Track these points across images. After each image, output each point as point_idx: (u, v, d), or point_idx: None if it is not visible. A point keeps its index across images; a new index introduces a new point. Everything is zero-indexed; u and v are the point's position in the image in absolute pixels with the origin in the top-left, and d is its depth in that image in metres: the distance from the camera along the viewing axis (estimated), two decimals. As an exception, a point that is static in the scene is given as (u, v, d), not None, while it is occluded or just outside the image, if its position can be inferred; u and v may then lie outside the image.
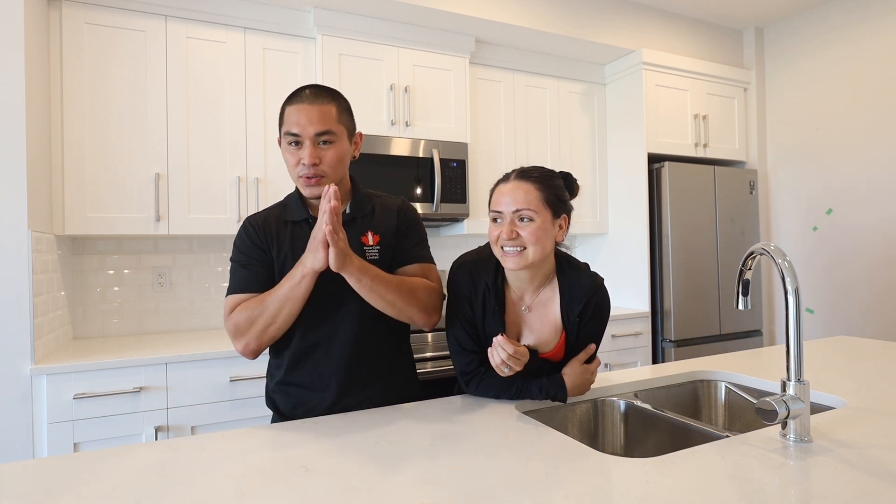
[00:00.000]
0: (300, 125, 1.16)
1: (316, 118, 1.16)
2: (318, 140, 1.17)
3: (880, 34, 3.01)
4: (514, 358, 1.12)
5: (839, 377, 1.42)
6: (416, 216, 1.34)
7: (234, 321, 1.16)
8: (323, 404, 1.22)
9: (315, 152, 1.16)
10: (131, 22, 2.23)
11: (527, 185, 1.14)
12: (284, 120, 1.19)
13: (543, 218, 1.13)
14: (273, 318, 1.14)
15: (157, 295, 2.52)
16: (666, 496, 0.75)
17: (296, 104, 1.17)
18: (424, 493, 0.78)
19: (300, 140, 1.17)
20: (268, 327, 1.15)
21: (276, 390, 1.28)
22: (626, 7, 3.14)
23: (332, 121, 1.18)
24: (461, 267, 1.26)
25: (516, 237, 1.12)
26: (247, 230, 1.24)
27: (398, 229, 1.29)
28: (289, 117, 1.17)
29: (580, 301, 1.20)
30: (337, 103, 1.21)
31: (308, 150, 1.16)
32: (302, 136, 1.16)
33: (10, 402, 1.76)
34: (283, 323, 1.16)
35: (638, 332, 3.03)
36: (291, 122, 1.17)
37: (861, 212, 3.09)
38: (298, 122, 1.16)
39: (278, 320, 1.14)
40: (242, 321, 1.15)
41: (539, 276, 1.22)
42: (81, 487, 0.81)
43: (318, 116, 1.16)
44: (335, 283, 1.17)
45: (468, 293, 1.24)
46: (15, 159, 1.79)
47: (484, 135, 2.96)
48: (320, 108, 1.17)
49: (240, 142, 2.40)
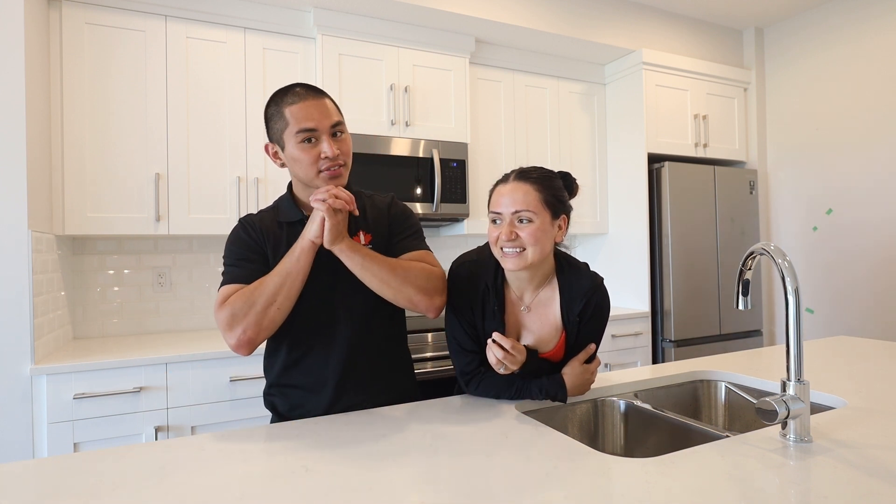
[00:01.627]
0: (314, 119, 1.12)
1: (328, 110, 1.15)
2: (334, 131, 1.15)
3: (880, 34, 3.01)
4: (510, 356, 1.12)
5: (839, 377, 1.42)
6: (407, 211, 1.32)
7: (231, 307, 1.09)
8: (321, 406, 1.21)
9: (335, 143, 1.14)
10: (131, 22, 2.23)
11: (526, 186, 1.14)
12: (291, 118, 1.13)
13: (542, 219, 1.13)
14: (273, 297, 1.09)
15: (157, 295, 2.52)
16: (666, 496, 0.75)
17: (300, 101, 1.13)
18: (424, 493, 0.78)
19: (317, 135, 1.13)
20: (267, 308, 1.09)
21: (273, 392, 1.27)
22: (626, 7, 3.14)
23: (339, 112, 1.19)
24: (461, 267, 1.26)
25: (515, 238, 1.12)
26: (244, 228, 1.21)
27: (390, 227, 1.27)
28: (297, 114, 1.12)
29: (580, 301, 1.20)
30: (331, 97, 1.21)
31: (327, 142, 1.13)
32: (319, 129, 1.13)
33: (10, 402, 1.76)
34: (283, 304, 1.11)
35: (638, 332, 3.03)
36: (302, 118, 1.12)
37: (861, 212, 3.09)
38: (312, 117, 1.12)
39: (279, 299, 1.09)
40: (239, 306, 1.08)
41: (539, 276, 1.22)
42: (81, 487, 0.81)
43: (329, 109, 1.15)
44: (331, 281, 1.17)
45: (468, 293, 1.23)
46: (15, 159, 1.79)
47: (484, 135, 2.96)
48: (326, 101, 1.16)
49: (240, 142, 2.40)
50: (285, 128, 1.14)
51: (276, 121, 1.16)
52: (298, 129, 1.12)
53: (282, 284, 1.10)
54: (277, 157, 1.20)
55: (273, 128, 1.17)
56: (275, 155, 1.20)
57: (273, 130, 1.17)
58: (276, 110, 1.16)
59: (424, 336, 2.39)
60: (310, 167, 1.14)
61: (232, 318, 1.09)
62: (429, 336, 2.40)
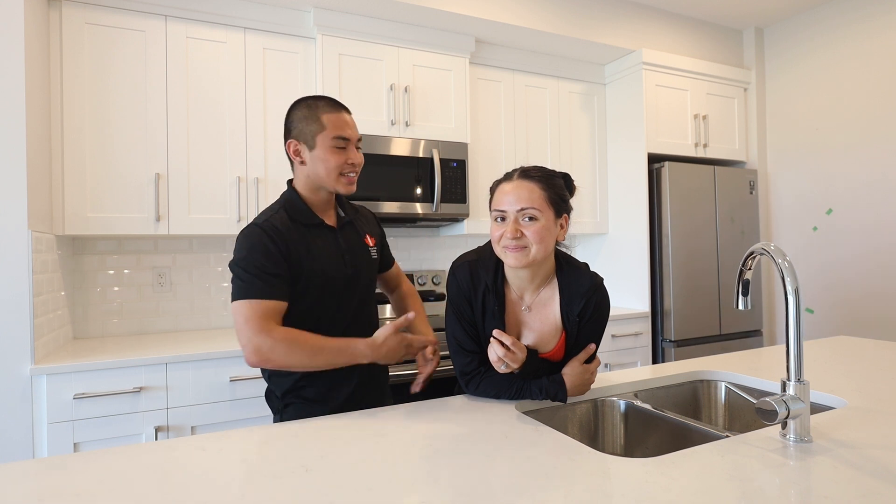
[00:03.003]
0: (349, 130, 1.30)
1: (355, 126, 1.34)
2: (357, 145, 1.33)
3: (880, 34, 3.01)
4: (511, 353, 1.12)
5: (839, 377, 1.42)
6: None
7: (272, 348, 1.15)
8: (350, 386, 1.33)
9: (358, 155, 1.32)
10: (131, 22, 2.23)
11: (530, 185, 1.14)
12: (329, 124, 1.27)
13: (547, 217, 1.14)
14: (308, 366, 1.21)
15: (157, 295, 2.52)
16: (666, 496, 0.75)
17: (337, 112, 1.29)
18: (424, 493, 0.78)
19: (348, 144, 1.29)
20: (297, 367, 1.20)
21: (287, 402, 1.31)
22: (626, 7, 3.14)
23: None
24: (461, 267, 1.26)
25: (521, 236, 1.12)
26: (270, 238, 1.21)
27: (380, 237, 1.49)
28: (335, 122, 1.28)
29: (580, 300, 1.20)
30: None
31: (354, 152, 1.30)
32: (351, 140, 1.30)
33: (10, 402, 1.76)
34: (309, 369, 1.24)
35: (638, 332, 3.03)
36: (340, 126, 1.28)
37: (861, 212, 3.09)
38: (348, 126, 1.30)
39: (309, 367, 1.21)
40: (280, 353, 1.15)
41: (539, 275, 1.22)
42: (81, 487, 0.81)
43: (355, 125, 1.34)
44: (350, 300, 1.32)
45: (468, 292, 1.24)
46: (15, 159, 1.79)
47: (484, 135, 2.96)
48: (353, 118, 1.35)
49: (240, 142, 2.40)
50: (320, 131, 1.27)
51: (308, 122, 1.27)
52: (336, 136, 1.27)
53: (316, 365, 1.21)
54: (298, 155, 1.30)
55: (302, 128, 1.28)
56: (296, 153, 1.30)
57: (301, 130, 1.28)
58: (309, 113, 1.28)
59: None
60: (334, 170, 1.28)
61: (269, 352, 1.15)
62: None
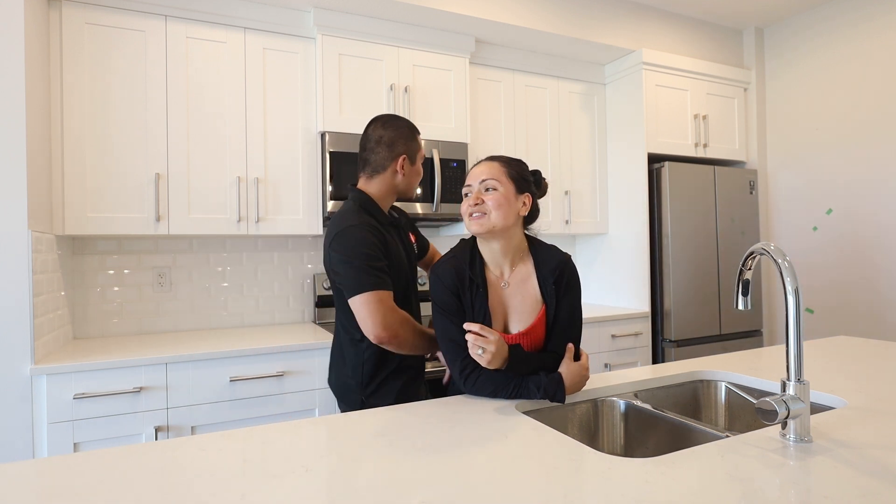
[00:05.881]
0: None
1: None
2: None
3: (880, 34, 3.01)
4: (481, 337, 1.16)
5: (839, 377, 1.42)
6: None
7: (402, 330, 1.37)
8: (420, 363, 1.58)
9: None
10: (131, 22, 2.23)
11: (493, 163, 1.29)
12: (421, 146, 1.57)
13: (507, 189, 1.25)
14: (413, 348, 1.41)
15: (157, 295, 2.52)
16: (666, 496, 0.75)
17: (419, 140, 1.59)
18: (424, 493, 0.78)
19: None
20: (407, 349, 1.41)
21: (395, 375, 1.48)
22: (626, 7, 3.14)
23: None
24: (441, 266, 1.31)
25: (481, 203, 1.24)
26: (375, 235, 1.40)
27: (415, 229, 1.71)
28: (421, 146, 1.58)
29: (554, 270, 1.28)
30: None
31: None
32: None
33: (10, 402, 1.76)
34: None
35: (638, 332, 3.02)
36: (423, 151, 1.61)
37: (861, 212, 3.09)
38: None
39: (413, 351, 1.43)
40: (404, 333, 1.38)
41: (511, 249, 1.30)
42: (81, 487, 0.81)
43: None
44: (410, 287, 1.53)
45: (453, 285, 1.27)
46: (15, 159, 1.79)
47: (484, 135, 2.96)
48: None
49: (240, 142, 2.40)
50: (418, 150, 1.55)
51: (412, 143, 1.53)
52: (424, 155, 1.65)
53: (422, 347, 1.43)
54: (403, 168, 1.51)
55: (409, 146, 1.52)
56: (402, 166, 1.51)
57: (409, 148, 1.52)
58: (411, 134, 1.54)
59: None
60: (417, 181, 1.57)
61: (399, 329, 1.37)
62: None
